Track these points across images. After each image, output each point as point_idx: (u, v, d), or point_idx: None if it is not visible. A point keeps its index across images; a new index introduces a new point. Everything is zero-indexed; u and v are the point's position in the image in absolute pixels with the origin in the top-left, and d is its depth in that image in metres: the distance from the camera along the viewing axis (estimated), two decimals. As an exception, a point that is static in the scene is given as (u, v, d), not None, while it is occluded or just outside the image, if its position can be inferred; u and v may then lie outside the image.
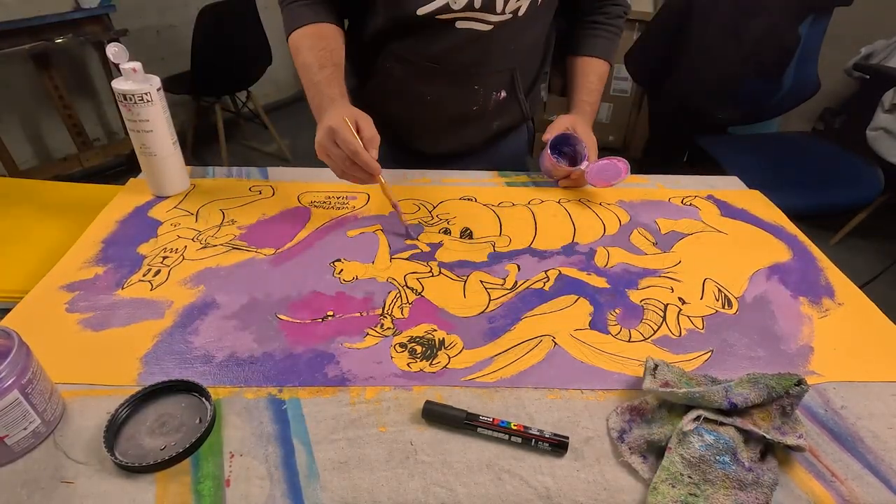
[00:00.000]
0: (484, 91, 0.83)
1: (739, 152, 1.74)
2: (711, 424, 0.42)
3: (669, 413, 0.44)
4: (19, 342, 0.41)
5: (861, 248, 2.07)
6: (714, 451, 0.40)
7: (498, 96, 0.85)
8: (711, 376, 0.49)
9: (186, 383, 0.47)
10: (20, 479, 0.41)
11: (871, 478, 0.43)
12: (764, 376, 0.44)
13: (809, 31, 1.67)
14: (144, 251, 0.67)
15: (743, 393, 0.43)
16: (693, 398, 0.43)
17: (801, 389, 0.43)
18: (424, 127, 0.89)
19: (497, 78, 0.83)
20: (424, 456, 0.44)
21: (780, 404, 0.43)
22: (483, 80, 0.82)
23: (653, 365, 0.48)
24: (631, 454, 0.43)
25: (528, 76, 0.89)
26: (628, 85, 2.69)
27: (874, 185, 1.57)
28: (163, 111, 0.69)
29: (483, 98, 0.84)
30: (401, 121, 0.88)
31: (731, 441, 0.40)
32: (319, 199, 0.80)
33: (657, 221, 0.77)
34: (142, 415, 0.46)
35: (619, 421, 0.46)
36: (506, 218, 0.76)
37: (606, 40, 0.89)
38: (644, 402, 0.46)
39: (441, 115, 0.86)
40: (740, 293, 0.63)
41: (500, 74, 0.83)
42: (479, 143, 0.93)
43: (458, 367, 0.52)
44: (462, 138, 0.91)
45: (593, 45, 0.89)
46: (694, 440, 0.41)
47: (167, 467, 0.42)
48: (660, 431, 0.43)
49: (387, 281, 0.63)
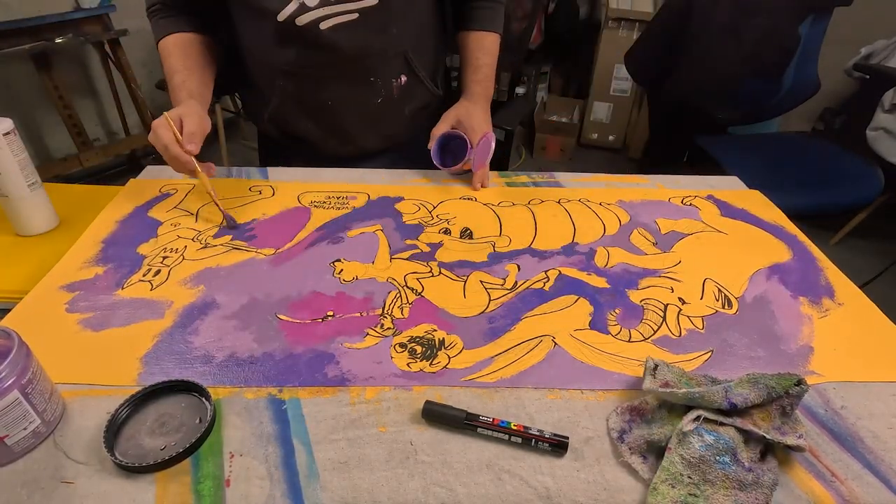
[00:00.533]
0: (382, 80, 0.82)
1: (739, 152, 1.74)
2: (711, 425, 0.42)
3: (669, 413, 0.44)
4: (19, 342, 0.41)
5: (861, 248, 2.07)
6: (714, 452, 0.40)
7: (399, 82, 0.84)
8: (711, 376, 0.49)
9: (186, 383, 0.47)
10: (20, 479, 0.41)
11: (871, 478, 0.43)
12: (764, 376, 0.44)
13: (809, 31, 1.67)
14: (144, 251, 0.67)
15: (743, 393, 0.43)
16: (693, 398, 0.43)
17: (801, 389, 0.43)
18: (340, 132, 0.88)
19: (391, 64, 0.82)
20: (424, 456, 0.44)
21: (780, 404, 0.43)
22: (377, 70, 0.81)
23: (653, 365, 0.48)
24: (631, 454, 0.43)
25: (427, 55, 0.87)
26: (628, 85, 2.69)
27: (874, 185, 1.57)
28: (13, 155, 0.68)
29: (384, 87, 0.83)
30: (316, 131, 0.88)
31: (731, 441, 0.40)
32: (319, 199, 0.80)
33: (657, 221, 0.77)
34: (142, 415, 0.46)
35: (619, 421, 0.46)
36: (506, 218, 0.76)
37: (492, 10, 0.88)
38: (644, 402, 0.46)
39: (350, 115, 0.86)
40: (740, 293, 0.63)
41: (393, 59, 0.82)
42: (401, 132, 0.92)
43: (458, 367, 0.52)
44: (381, 131, 0.90)
45: (476, 17, 0.88)
46: (694, 440, 0.41)
47: (167, 467, 0.42)
48: (660, 431, 0.43)
49: (387, 281, 0.63)
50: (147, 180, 0.83)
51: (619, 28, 2.57)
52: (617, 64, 2.59)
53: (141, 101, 2.34)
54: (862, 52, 2.09)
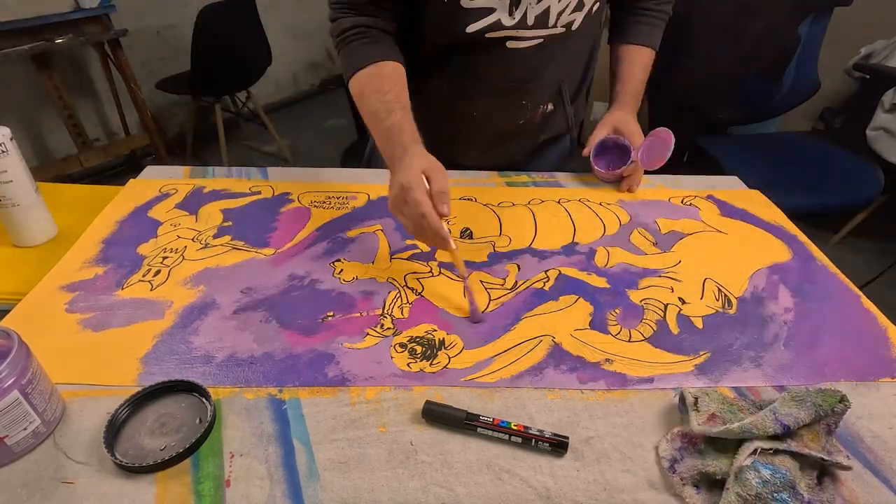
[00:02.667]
0: (532, 105, 0.81)
1: (739, 152, 1.74)
2: (767, 456, 0.40)
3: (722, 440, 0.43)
4: (19, 342, 0.41)
5: (861, 248, 2.07)
6: (772, 489, 0.39)
7: (545, 108, 0.84)
8: (751, 398, 0.48)
9: (186, 383, 0.47)
10: (20, 479, 0.41)
11: (871, 478, 0.43)
12: (808, 393, 0.43)
13: (809, 31, 1.68)
14: (144, 251, 0.67)
15: (792, 413, 0.42)
16: (746, 430, 0.41)
17: (845, 406, 0.42)
18: (470, 143, 0.87)
19: (545, 92, 0.81)
20: (424, 456, 0.44)
21: (826, 423, 0.43)
22: (531, 95, 0.81)
23: (693, 399, 0.46)
24: (683, 486, 0.42)
25: (575, 84, 0.87)
26: (628, 85, 2.68)
27: (874, 185, 1.57)
28: (19, 160, 0.66)
29: (530, 112, 0.82)
30: (446, 137, 0.84)
31: (787, 474, 0.39)
32: (319, 199, 0.80)
33: (657, 221, 0.77)
34: (142, 415, 0.46)
35: (670, 449, 0.44)
36: (506, 218, 0.76)
37: (652, 27, 0.86)
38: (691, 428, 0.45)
39: (487, 130, 0.85)
40: (740, 293, 0.63)
41: (548, 88, 0.81)
42: (523, 156, 0.92)
43: (458, 367, 0.52)
44: (507, 152, 0.90)
45: (637, 32, 0.86)
46: (751, 476, 0.39)
47: (167, 467, 0.42)
48: (714, 464, 0.41)
49: (387, 281, 0.63)
50: (147, 180, 0.83)
51: (619, 28, 2.57)
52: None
53: (141, 101, 2.34)
54: (862, 52, 2.09)
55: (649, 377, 0.51)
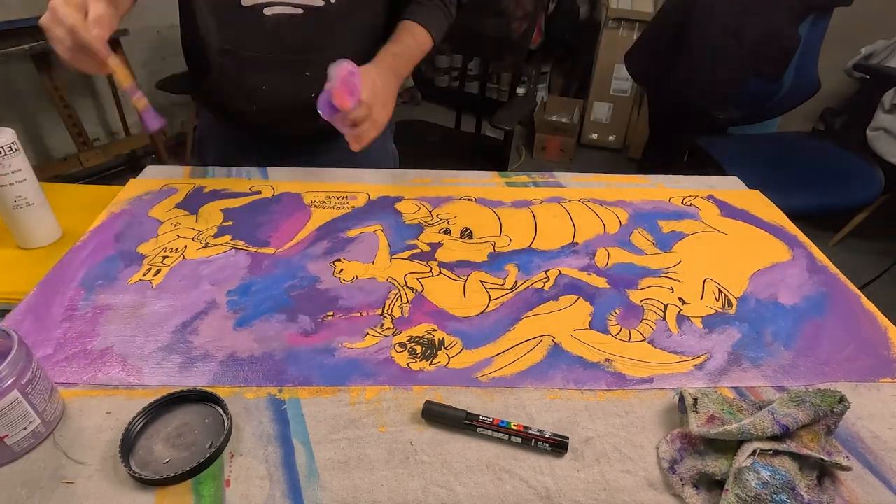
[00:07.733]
0: (317, 78, 0.77)
1: (739, 152, 1.74)
2: (766, 457, 0.40)
3: (721, 441, 0.43)
4: (19, 342, 0.41)
5: (861, 248, 2.07)
6: (771, 490, 0.39)
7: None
8: (751, 398, 0.48)
9: (208, 394, 0.46)
10: (20, 479, 0.41)
11: (871, 478, 0.43)
12: (807, 393, 0.43)
13: (809, 31, 1.67)
14: (144, 251, 0.67)
15: (791, 413, 0.42)
16: (745, 431, 0.41)
17: (844, 407, 0.42)
18: (272, 115, 0.88)
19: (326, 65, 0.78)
20: (424, 456, 0.44)
21: (826, 423, 0.43)
22: (314, 68, 0.81)
23: (692, 401, 0.46)
24: (683, 486, 0.42)
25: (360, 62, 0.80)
26: (628, 85, 2.69)
27: (874, 185, 1.57)
28: (25, 158, 0.67)
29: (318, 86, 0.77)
30: (248, 112, 0.87)
31: (787, 475, 0.39)
32: (319, 199, 0.80)
33: (657, 221, 0.77)
34: (158, 424, 0.45)
35: (670, 450, 0.44)
36: (506, 218, 0.76)
37: (431, 11, 0.88)
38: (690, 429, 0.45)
39: (283, 103, 0.85)
40: (740, 293, 0.63)
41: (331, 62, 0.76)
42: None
43: (458, 367, 0.52)
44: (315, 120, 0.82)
45: (413, 11, 0.87)
46: (750, 477, 0.39)
47: (179, 482, 0.41)
48: (713, 465, 0.42)
49: (387, 281, 0.63)
50: (147, 180, 0.83)
51: (619, 28, 2.57)
52: (617, 64, 2.59)
53: (141, 101, 2.33)
54: (862, 52, 2.09)
55: (649, 377, 0.51)
